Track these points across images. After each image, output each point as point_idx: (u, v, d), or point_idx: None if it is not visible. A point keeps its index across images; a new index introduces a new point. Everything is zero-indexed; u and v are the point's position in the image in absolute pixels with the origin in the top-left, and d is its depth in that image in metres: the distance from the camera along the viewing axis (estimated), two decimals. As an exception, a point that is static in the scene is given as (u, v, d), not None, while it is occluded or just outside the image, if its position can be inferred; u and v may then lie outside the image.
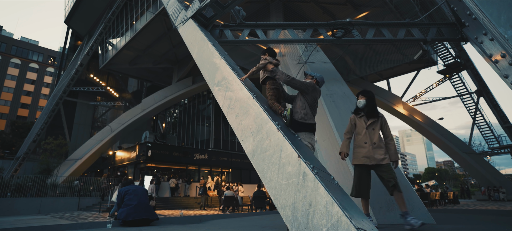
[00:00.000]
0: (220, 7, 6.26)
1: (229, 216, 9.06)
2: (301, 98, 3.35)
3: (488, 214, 6.10)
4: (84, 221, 7.29)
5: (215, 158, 19.74)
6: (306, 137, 3.19)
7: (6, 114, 43.43)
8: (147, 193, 6.76)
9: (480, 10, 4.34)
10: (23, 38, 56.76)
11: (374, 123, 3.43)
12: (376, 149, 3.29)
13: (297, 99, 3.40)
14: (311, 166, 2.34)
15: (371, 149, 3.30)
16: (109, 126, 20.21)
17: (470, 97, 20.82)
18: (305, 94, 3.34)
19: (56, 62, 38.03)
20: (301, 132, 3.20)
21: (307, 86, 3.35)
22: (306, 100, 3.32)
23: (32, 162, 21.68)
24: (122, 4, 18.80)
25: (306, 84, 3.36)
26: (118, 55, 19.99)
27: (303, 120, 3.22)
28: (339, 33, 6.48)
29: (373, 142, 3.33)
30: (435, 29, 6.20)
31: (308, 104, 3.31)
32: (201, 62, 5.37)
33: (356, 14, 15.38)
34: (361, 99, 3.57)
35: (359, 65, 19.28)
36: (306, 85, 3.35)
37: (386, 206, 4.19)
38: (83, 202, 13.93)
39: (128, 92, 29.54)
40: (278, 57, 10.86)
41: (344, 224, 1.86)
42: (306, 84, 3.36)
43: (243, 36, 6.91)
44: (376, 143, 3.32)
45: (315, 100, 3.42)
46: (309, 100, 3.32)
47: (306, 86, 3.34)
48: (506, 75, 4.00)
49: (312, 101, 3.35)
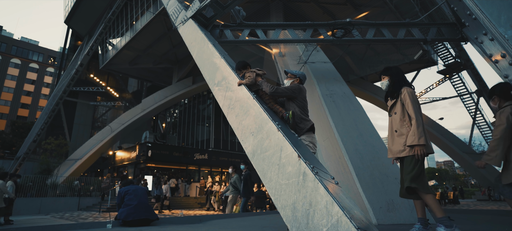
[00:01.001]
0: (220, 7, 6.26)
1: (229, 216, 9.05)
2: (291, 104, 3.25)
3: (488, 214, 6.10)
4: (84, 221, 7.30)
5: (215, 158, 19.74)
6: (306, 137, 3.15)
7: (6, 114, 43.44)
8: (147, 193, 6.76)
9: (480, 10, 4.34)
10: (23, 38, 56.78)
11: (394, 105, 2.82)
12: (397, 138, 2.70)
13: (287, 105, 3.31)
14: (311, 166, 2.34)
15: (390, 139, 2.80)
16: (109, 126, 20.22)
17: (470, 97, 20.81)
18: (294, 100, 3.24)
19: (56, 63, 38.03)
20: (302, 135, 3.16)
21: (293, 91, 3.22)
22: (296, 104, 3.22)
23: (32, 162, 21.69)
24: (122, 4, 18.80)
25: (292, 89, 3.23)
26: (118, 55, 20.00)
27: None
28: (339, 33, 6.48)
29: (393, 129, 2.76)
30: (435, 29, 6.20)
31: (299, 108, 3.20)
32: (201, 62, 5.38)
33: (356, 14, 15.38)
34: (383, 80, 3.02)
35: (359, 65, 19.28)
36: (292, 90, 3.22)
37: (386, 206, 4.19)
38: (83, 202, 13.94)
39: (128, 92, 29.55)
40: (278, 57, 10.84)
41: (344, 224, 1.86)
42: (292, 89, 3.23)
43: (243, 36, 6.91)
44: (397, 131, 2.71)
45: (304, 100, 3.31)
46: (298, 103, 3.23)
47: (293, 91, 3.22)
48: (506, 75, 4.00)
49: (301, 103, 3.25)
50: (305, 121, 3.18)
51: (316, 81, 6.84)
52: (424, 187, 2.51)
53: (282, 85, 3.49)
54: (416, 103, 2.65)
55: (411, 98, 2.66)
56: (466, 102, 21.08)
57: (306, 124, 3.16)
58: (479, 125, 21.08)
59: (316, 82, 6.81)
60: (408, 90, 2.72)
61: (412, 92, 2.71)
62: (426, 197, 2.49)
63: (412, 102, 2.64)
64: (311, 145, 3.13)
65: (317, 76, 7.08)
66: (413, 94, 2.70)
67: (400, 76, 2.90)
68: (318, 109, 6.49)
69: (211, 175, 18.45)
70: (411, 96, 2.68)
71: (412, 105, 2.63)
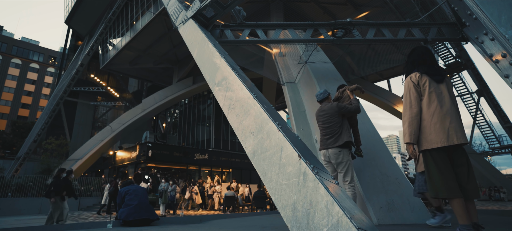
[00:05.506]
0: (220, 7, 6.26)
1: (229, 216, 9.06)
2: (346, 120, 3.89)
3: (488, 214, 6.08)
4: (85, 221, 7.30)
5: (216, 158, 19.74)
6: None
7: (6, 114, 43.48)
8: (147, 193, 6.76)
9: (481, 10, 4.33)
10: (24, 38, 56.83)
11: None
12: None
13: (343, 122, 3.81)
14: (312, 166, 2.34)
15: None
16: (110, 126, 20.23)
17: (470, 97, 20.79)
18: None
19: (57, 63, 38.05)
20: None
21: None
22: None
23: (33, 162, 21.72)
24: (122, 4, 18.81)
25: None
26: (119, 55, 20.01)
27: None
28: (340, 33, 6.47)
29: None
30: (435, 29, 6.19)
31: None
32: (202, 62, 5.38)
33: (357, 14, 15.37)
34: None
35: (359, 65, 19.28)
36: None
37: (386, 206, 4.18)
38: (83, 202, 13.95)
39: (129, 92, 29.56)
40: (278, 57, 10.81)
41: (345, 224, 1.86)
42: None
43: (243, 36, 6.91)
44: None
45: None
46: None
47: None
48: (506, 75, 3.99)
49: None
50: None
51: (317, 81, 6.84)
52: (429, 190, 2.40)
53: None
54: (408, 96, 2.46)
55: (405, 91, 2.51)
56: (467, 102, 21.06)
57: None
58: (480, 124, 21.06)
59: (317, 82, 6.81)
60: (406, 80, 2.55)
61: (407, 83, 2.52)
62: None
63: (404, 96, 2.51)
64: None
65: (317, 76, 7.08)
66: (408, 85, 2.50)
67: (408, 60, 2.68)
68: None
69: (211, 175, 18.44)
70: (405, 88, 2.53)
71: (403, 100, 2.51)
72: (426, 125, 2.35)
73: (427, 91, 2.40)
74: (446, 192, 2.21)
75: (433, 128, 2.30)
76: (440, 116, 2.30)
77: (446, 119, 2.29)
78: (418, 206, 4.24)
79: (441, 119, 2.29)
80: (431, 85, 2.41)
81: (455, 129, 2.25)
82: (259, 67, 14.02)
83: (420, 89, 2.44)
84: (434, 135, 2.29)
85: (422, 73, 2.47)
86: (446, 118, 2.29)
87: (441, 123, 2.28)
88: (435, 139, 2.28)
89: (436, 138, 2.28)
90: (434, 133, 2.29)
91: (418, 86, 2.45)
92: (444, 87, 2.41)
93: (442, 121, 2.29)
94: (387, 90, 21.71)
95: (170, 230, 4.32)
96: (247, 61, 17.48)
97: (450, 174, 2.24)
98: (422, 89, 2.43)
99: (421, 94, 2.43)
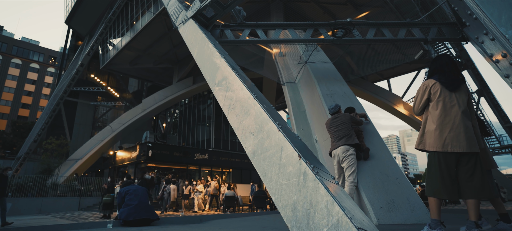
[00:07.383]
0: (220, 7, 6.26)
1: (229, 216, 9.06)
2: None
3: (488, 214, 6.08)
4: (85, 221, 7.30)
5: (216, 158, 19.74)
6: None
7: (7, 114, 43.50)
8: (147, 193, 6.77)
9: (481, 10, 4.33)
10: (24, 38, 56.85)
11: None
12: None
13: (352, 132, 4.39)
14: (312, 166, 2.34)
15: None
16: (110, 126, 20.24)
17: (471, 97, 20.76)
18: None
19: (57, 63, 38.07)
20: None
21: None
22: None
23: (33, 162, 21.73)
24: (122, 4, 18.82)
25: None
26: (119, 55, 20.01)
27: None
28: (340, 33, 6.47)
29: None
30: (435, 29, 6.19)
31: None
32: (202, 62, 5.38)
33: (357, 14, 15.37)
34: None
35: (359, 65, 19.27)
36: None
37: (386, 206, 4.18)
38: (84, 202, 13.95)
39: (129, 92, 29.57)
40: (278, 57, 10.82)
41: (345, 224, 1.86)
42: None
43: (243, 36, 6.91)
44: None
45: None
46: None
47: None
48: (507, 75, 3.99)
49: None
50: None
51: (317, 81, 6.84)
52: (427, 190, 2.54)
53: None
54: (418, 98, 2.69)
55: (417, 91, 2.72)
56: (467, 102, 21.00)
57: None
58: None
59: (317, 82, 6.80)
60: (422, 83, 2.74)
61: (421, 87, 2.71)
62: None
63: (416, 95, 2.73)
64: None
65: (317, 76, 7.08)
66: (421, 88, 2.70)
67: (429, 67, 2.84)
68: (318, 109, 6.49)
69: (211, 175, 18.44)
70: (419, 89, 2.71)
71: (414, 97, 2.76)
72: (428, 129, 2.57)
73: (436, 99, 2.58)
74: (436, 192, 2.42)
75: (432, 134, 2.52)
76: (440, 124, 2.49)
77: (446, 127, 2.46)
78: (418, 206, 4.24)
79: (440, 127, 2.48)
80: (441, 93, 2.57)
81: (452, 138, 2.41)
82: (259, 67, 14.03)
83: (430, 96, 2.63)
84: (432, 140, 2.51)
85: (436, 81, 2.65)
86: (446, 127, 2.46)
87: (440, 131, 2.47)
88: (432, 144, 2.50)
89: (433, 143, 2.50)
90: (433, 138, 2.51)
91: (429, 92, 2.64)
92: (457, 96, 2.55)
93: (441, 129, 2.47)
94: (387, 90, 21.71)
95: (170, 230, 4.32)
96: (247, 61, 17.49)
97: (448, 177, 2.40)
98: (432, 96, 2.62)
99: (431, 100, 2.64)
